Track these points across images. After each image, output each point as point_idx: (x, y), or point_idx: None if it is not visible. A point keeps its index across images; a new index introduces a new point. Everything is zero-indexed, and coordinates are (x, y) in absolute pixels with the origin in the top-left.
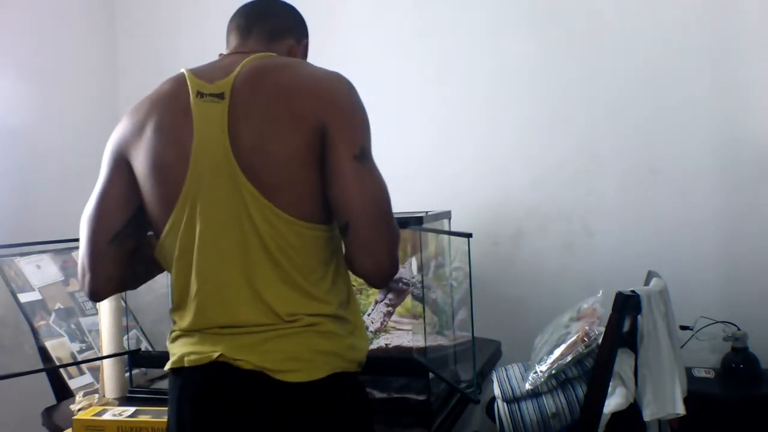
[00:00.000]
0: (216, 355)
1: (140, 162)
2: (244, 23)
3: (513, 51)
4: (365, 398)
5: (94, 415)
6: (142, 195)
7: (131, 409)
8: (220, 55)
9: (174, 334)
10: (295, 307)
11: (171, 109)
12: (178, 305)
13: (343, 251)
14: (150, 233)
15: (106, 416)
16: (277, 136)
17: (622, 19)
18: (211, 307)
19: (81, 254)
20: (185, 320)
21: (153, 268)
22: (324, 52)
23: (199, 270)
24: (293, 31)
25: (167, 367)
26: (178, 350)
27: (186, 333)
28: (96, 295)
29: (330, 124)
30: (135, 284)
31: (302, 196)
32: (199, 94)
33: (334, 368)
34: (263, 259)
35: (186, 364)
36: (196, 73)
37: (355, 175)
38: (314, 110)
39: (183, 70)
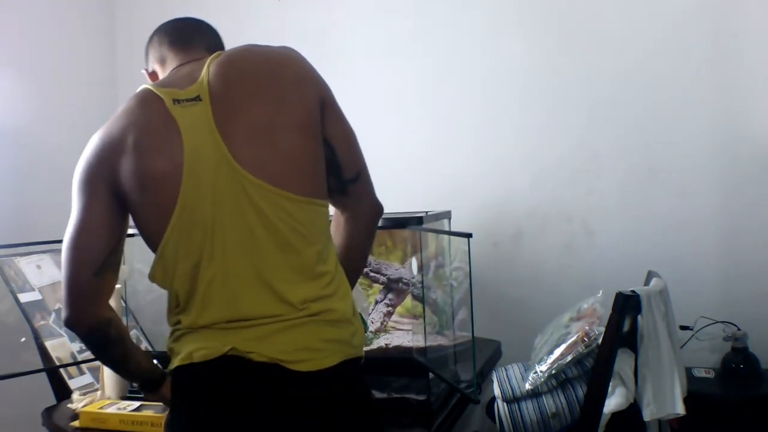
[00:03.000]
0: (226, 348)
1: (127, 181)
2: (180, 37)
3: (512, 50)
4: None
5: (100, 408)
6: (134, 214)
7: (136, 404)
8: (151, 72)
9: (178, 333)
10: (306, 292)
11: (147, 120)
12: (183, 307)
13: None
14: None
15: (111, 409)
16: (276, 122)
17: (621, 18)
18: (218, 302)
19: (63, 287)
20: (190, 318)
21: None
22: (323, 52)
23: (206, 269)
24: (222, 47)
25: (174, 364)
26: (184, 348)
27: (191, 330)
28: (76, 327)
29: (323, 94)
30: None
31: (307, 174)
32: (176, 101)
33: (345, 356)
34: (272, 248)
35: (195, 360)
36: (161, 84)
37: (350, 130)
38: (307, 85)
39: (144, 86)
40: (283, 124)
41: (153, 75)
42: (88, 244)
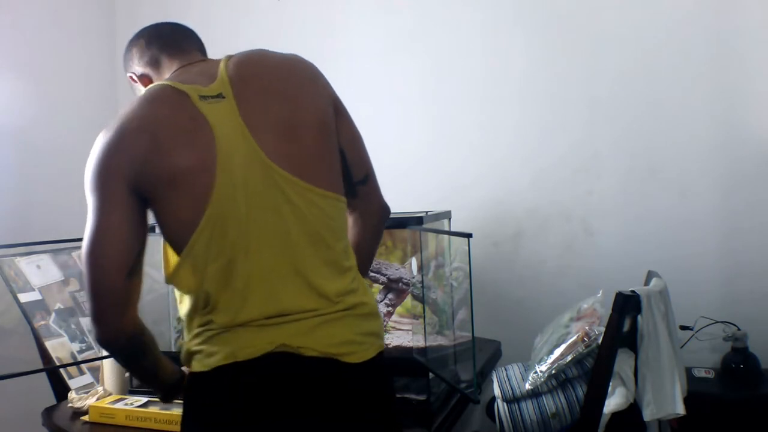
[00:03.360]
0: (274, 345)
1: (151, 177)
2: (172, 41)
3: (512, 49)
4: None
5: (108, 403)
6: (158, 212)
7: (143, 400)
8: (141, 75)
9: (209, 333)
10: (338, 286)
11: (171, 116)
12: (214, 306)
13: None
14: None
15: (119, 405)
16: (296, 120)
17: (622, 18)
18: (258, 299)
19: (92, 299)
20: (226, 316)
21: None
22: (323, 52)
23: (242, 265)
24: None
25: (211, 365)
26: (221, 347)
27: (226, 329)
28: (114, 339)
29: (335, 98)
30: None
31: (330, 170)
32: (202, 97)
33: (378, 348)
34: (305, 243)
35: (240, 358)
36: (182, 81)
37: (358, 133)
38: (320, 87)
39: (161, 83)
40: (303, 123)
41: (144, 78)
42: (116, 247)
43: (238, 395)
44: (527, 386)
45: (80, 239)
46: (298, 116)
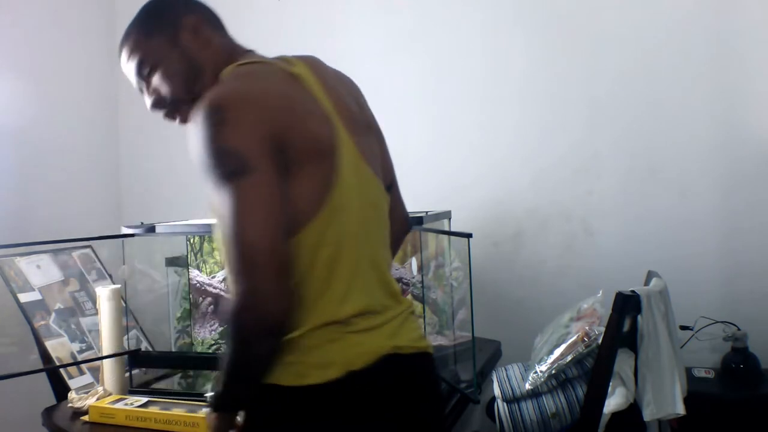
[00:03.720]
0: (386, 348)
1: (298, 144)
2: (215, 19)
3: (513, 49)
4: None
5: (108, 403)
6: (287, 183)
7: (143, 400)
8: (206, 30)
9: (310, 341)
10: (396, 286)
11: (296, 93)
12: (316, 297)
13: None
14: None
15: (119, 405)
16: (366, 121)
17: (622, 18)
18: (357, 291)
19: (254, 267)
20: (326, 309)
21: None
22: (323, 52)
23: (349, 256)
24: None
25: (327, 378)
26: (332, 357)
27: (327, 330)
28: (281, 319)
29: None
30: None
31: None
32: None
33: None
34: (381, 240)
35: (356, 367)
36: (282, 61)
37: (385, 142)
38: (365, 99)
39: (267, 59)
40: (369, 124)
41: (205, 30)
42: (271, 204)
43: (361, 405)
44: (527, 386)
45: (80, 239)
46: (364, 117)
